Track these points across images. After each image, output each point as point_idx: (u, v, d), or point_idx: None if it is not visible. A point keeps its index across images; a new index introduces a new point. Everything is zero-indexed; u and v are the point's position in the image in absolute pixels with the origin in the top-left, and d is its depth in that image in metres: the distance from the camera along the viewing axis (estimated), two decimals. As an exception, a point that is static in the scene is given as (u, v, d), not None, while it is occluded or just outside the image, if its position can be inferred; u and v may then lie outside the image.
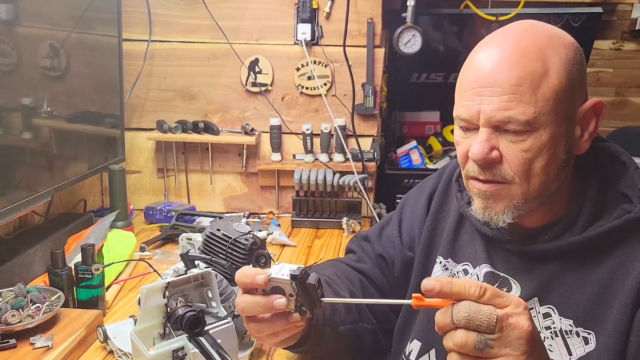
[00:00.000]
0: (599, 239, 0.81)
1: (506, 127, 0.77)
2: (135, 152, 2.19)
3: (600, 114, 0.82)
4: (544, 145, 0.77)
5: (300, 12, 2.05)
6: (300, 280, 0.71)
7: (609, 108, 3.62)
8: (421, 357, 0.96)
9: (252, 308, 0.73)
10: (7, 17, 1.36)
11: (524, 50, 0.77)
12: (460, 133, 0.83)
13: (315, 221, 2.03)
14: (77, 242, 1.55)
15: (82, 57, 1.74)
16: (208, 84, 2.15)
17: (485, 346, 0.61)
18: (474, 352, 0.61)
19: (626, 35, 3.31)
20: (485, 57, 0.79)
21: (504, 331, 0.61)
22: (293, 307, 0.72)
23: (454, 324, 0.62)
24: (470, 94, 0.79)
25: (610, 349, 0.77)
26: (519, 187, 0.80)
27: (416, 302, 0.65)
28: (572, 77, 0.78)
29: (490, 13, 2.37)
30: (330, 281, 0.97)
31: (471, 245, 0.96)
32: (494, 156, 0.79)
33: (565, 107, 0.78)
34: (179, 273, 1.18)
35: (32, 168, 1.52)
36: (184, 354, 0.96)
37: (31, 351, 1.09)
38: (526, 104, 0.75)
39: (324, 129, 2.08)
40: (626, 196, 0.83)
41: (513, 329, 0.61)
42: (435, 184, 1.06)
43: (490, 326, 0.61)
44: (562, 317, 0.82)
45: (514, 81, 0.75)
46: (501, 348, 0.61)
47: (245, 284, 0.74)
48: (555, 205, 0.85)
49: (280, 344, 0.80)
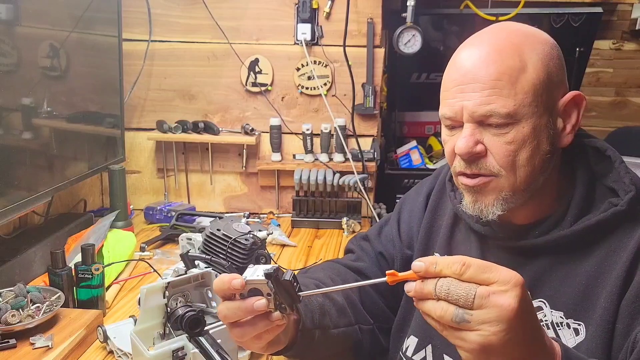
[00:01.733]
0: (587, 233, 0.83)
1: (489, 121, 0.80)
2: (135, 152, 2.19)
3: (580, 105, 0.85)
4: (527, 137, 0.80)
5: (300, 12, 2.05)
6: (275, 278, 0.72)
7: (609, 108, 3.65)
8: (418, 353, 0.97)
9: (233, 313, 0.73)
10: (7, 17, 1.36)
11: (501, 48, 0.81)
12: (447, 132, 0.87)
13: (315, 221, 2.03)
14: (77, 242, 1.55)
15: (82, 57, 1.74)
16: (208, 84, 2.15)
17: (462, 320, 0.62)
18: (450, 324, 0.63)
19: (626, 35, 3.31)
20: (466, 57, 0.83)
21: (483, 308, 0.62)
22: (273, 307, 0.73)
23: (436, 295, 0.64)
24: (453, 92, 0.82)
25: (597, 337, 0.79)
26: (506, 180, 0.82)
27: (391, 279, 0.69)
28: (549, 70, 0.82)
29: (490, 13, 2.37)
30: (322, 284, 0.97)
31: (466, 243, 0.98)
32: (479, 150, 0.82)
33: (545, 99, 0.81)
34: (179, 273, 1.18)
35: (32, 168, 1.52)
36: (184, 354, 0.96)
37: (31, 351, 1.09)
38: (506, 97, 0.79)
39: (324, 129, 2.08)
40: (613, 190, 0.85)
41: (493, 307, 0.61)
42: (433, 183, 1.09)
43: (468, 302, 0.62)
44: (553, 310, 0.84)
45: (493, 76, 0.79)
46: (478, 323, 0.62)
47: (222, 290, 0.74)
48: (544, 201, 0.87)
49: (266, 348, 0.79)
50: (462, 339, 0.62)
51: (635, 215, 0.82)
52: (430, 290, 0.64)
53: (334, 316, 0.94)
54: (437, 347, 0.95)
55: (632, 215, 0.82)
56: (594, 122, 3.40)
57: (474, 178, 0.84)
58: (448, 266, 0.64)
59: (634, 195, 0.82)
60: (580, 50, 2.57)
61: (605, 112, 3.45)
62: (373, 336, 1.04)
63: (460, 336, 0.63)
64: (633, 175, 0.84)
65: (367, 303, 1.04)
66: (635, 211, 0.82)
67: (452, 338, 0.64)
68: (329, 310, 0.93)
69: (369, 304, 1.04)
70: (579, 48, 2.56)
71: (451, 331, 0.63)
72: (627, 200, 0.81)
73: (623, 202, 0.82)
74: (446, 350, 0.93)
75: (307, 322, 0.87)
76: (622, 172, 0.85)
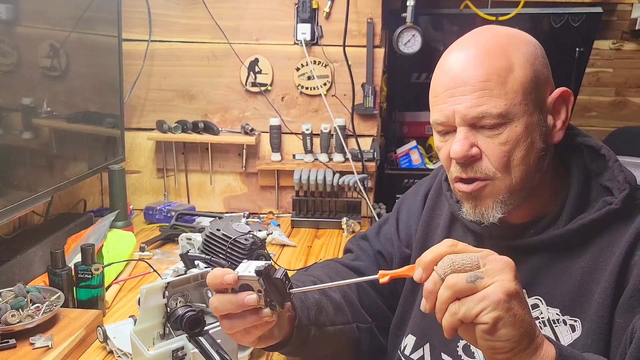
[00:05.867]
0: (582, 231, 0.84)
1: (481, 123, 0.81)
2: (135, 152, 2.19)
3: (568, 101, 0.87)
4: (520, 136, 0.81)
5: (300, 12, 2.05)
6: (266, 275, 0.73)
7: (609, 108, 3.65)
8: (416, 351, 0.97)
9: (224, 306, 0.75)
10: (7, 17, 1.36)
11: (487, 50, 0.82)
12: (439, 138, 0.88)
13: (315, 221, 2.03)
14: (77, 242, 1.55)
15: (82, 57, 1.74)
16: (208, 84, 2.15)
17: (476, 278, 0.63)
18: (467, 287, 0.63)
19: (626, 35, 3.31)
20: (453, 61, 0.84)
21: (489, 264, 0.65)
22: (263, 303, 0.74)
23: (441, 277, 0.65)
24: (443, 96, 0.83)
25: (593, 333, 0.80)
26: (502, 182, 0.83)
27: (383, 275, 0.71)
28: (536, 69, 0.83)
29: (490, 13, 2.37)
30: (319, 282, 0.97)
31: (463, 242, 0.97)
32: (474, 152, 0.82)
33: (535, 97, 0.82)
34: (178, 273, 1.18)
35: (32, 168, 1.52)
36: (184, 354, 0.96)
37: (31, 351, 1.09)
38: (497, 98, 0.80)
39: (324, 129, 2.08)
40: (607, 189, 0.86)
41: (497, 261, 0.65)
42: (430, 183, 1.10)
43: (474, 263, 0.65)
44: (550, 307, 0.85)
45: (482, 78, 0.80)
46: (492, 276, 0.64)
47: (215, 284, 0.75)
48: (540, 200, 0.88)
49: (256, 342, 0.80)
50: (484, 298, 0.63)
51: (629, 213, 0.83)
52: (436, 279, 0.65)
53: (330, 313, 0.95)
54: (434, 345, 0.95)
55: (626, 212, 0.83)
56: (594, 122, 3.40)
57: (470, 183, 0.84)
58: (439, 249, 0.67)
59: (628, 193, 0.83)
60: (580, 50, 2.57)
61: (605, 112, 3.45)
62: (371, 335, 1.04)
63: (480, 298, 0.63)
64: (627, 174, 0.85)
65: (365, 302, 1.04)
66: (629, 208, 0.83)
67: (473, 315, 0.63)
68: (326, 307, 0.94)
69: (367, 303, 1.04)
70: (579, 48, 2.56)
71: (470, 305, 0.63)
72: (621, 199, 0.82)
73: (617, 200, 0.83)
74: (444, 349, 0.94)
75: (303, 319, 0.87)
76: (616, 171, 0.85)
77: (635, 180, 0.85)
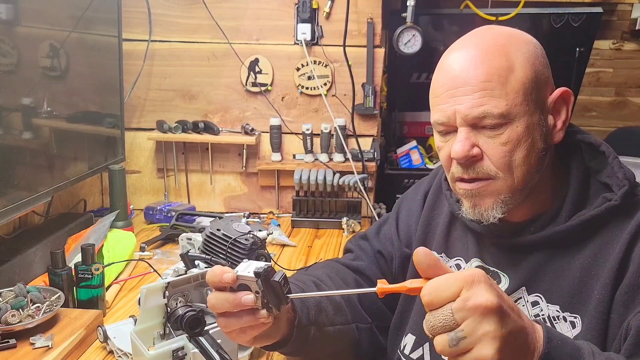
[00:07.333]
0: (581, 228, 0.84)
1: (483, 123, 0.81)
2: (135, 152, 2.19)
3: (569, 101, 0.87)
4: (521, 136, 0.81)
5: (300, 12, 2.05)
6: (265, 277, 0.73)
7: (609, 108, 3.65)
8: (415, 351, 0.97)
9: (221, 304, 0.75)
10: (7, 17, 1.36)
11: (488, 49, 0.82)
12: (440, 138, 0.87)
13: (315, 221, 2.03)
14: (77, 242, 1.55)
15: (82, 57, 1.74)
16: (208, 84, 2.15)
17: (457, 340, 0.59)
18: (453, 351, 0.60)
19: (626, 35, 3.31)
20: (453, 61, 0.84)
21: (468, 318, 0.59)
22: (260, 304, 0.74)
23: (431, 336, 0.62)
24: (444, 97, 0.83)
25: (592, 329, 0.80)
26: (504, 181, 0.83)
27: (381, 290, 0.69)
28: (536, 69, 0.83)
29: (490, 13, 2.37)
30: (320, 282, 0.98)
31: (463, 241, 0.99)
32: (475, 153, 0.82)
33: (535, 97, 0.82)
34: (179, 273, 1.18)
35: (32, 168, 1.52)
36: (184, 354, 0.96)
37: (31, 351, 1.09)
38: (498, 98, 0.80)
39: (324, 129, 2.08)
40: (607, 185, 0.86)
41: (475, 311, 0.59)
42: (430, 182, 1.10)
43: (451, 322, 0.60)
44: (550, 304, 0.85)
45: (483, 78, 0.80)
46: (475, 333, 0.59)
47: (214, 282, 0.75)
48: (540, 198, 0.88)
49: (252, 341, 0.80)
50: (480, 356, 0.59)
51: (628, 209, 0.83)
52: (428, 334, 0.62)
53: (330, 314, 0.95)
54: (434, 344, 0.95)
55: (626, 209, 0.83)
56: (594, 122, 3.40)
57: (471, 183, 0.84)
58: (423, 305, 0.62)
59: (628, 189, 0.83)
60: (580, 50, 2.57)
61: (605, 112, 3.45)
62: (371, 335, 1.04)
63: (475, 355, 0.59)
64: (626, 170, 0.85)
65: (365, 302, 1.04)
66: (629, 205, 0.83)
67: None
68: (326, 307, 0.94)
69: (367, 303, 1.04)
70: (579, 48, 2.56)
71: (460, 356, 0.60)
72: (620, 195, 0.83)
73: (617, 196, 0.83)
74: None
75: (303, 319, 0.87)
76: (615, 167, 0.86)
77: (634, 176, 0.86)
